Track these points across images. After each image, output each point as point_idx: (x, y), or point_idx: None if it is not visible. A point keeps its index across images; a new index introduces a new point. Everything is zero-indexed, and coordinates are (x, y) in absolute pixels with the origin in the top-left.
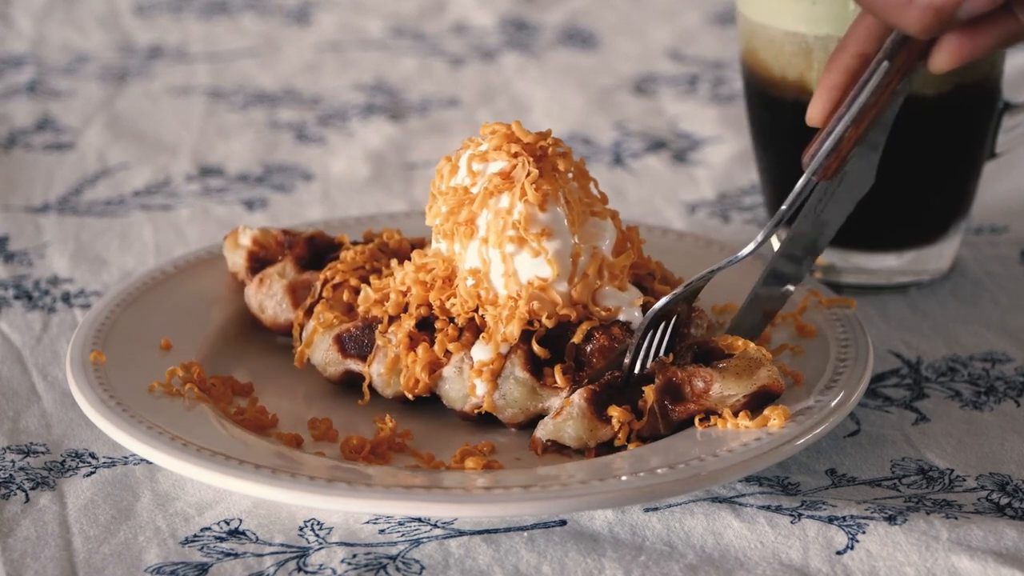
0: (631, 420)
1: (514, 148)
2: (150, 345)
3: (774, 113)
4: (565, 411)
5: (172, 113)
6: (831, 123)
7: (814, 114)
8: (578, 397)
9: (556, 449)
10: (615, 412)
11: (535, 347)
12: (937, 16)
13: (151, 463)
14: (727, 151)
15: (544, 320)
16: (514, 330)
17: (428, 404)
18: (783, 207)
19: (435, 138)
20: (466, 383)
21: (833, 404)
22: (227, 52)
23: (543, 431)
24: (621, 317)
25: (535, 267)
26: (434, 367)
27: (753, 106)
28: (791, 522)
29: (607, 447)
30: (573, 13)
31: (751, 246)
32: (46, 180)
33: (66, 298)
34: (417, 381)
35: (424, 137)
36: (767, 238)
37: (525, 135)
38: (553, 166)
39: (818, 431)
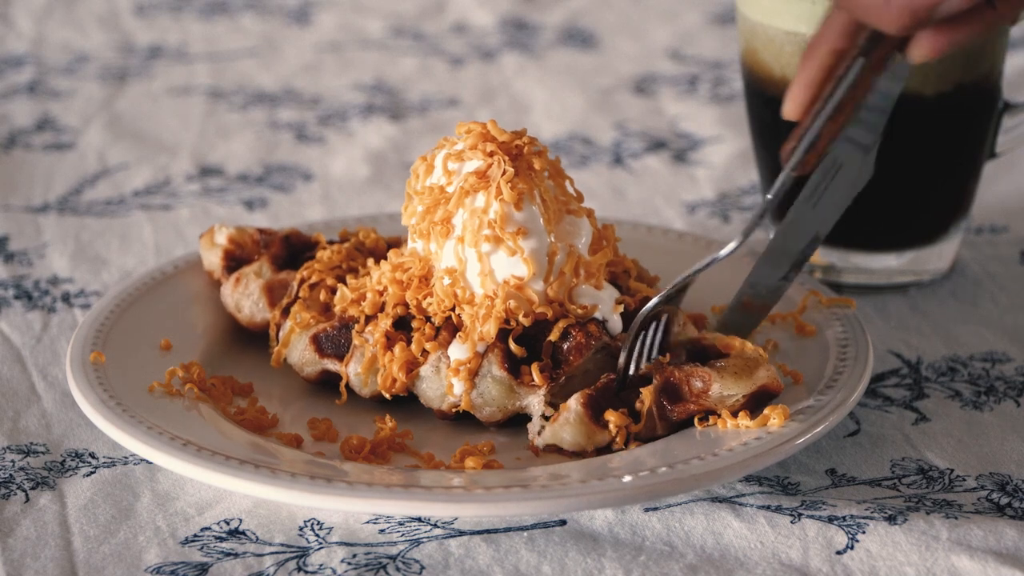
0: (628, 424)
1: (489, 147)
2: (150, 345)
3: (774, 113)
4: (562, 416)
5: (172, 113)
6: (808, 119)
7: (790, 109)
8: (575, 403)
9: (556, 450)
10: (612, 416)
11: (512, 345)
12: (914, 16)
13: (151, 463)
14: (727, 151)
15: (521, 318)
16: (491, 329)
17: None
18: (768, 196)
19: (435, 138)
20: (443, 382)
21: (833, 404)
22: (227, 52)
23: (541, 438)
24: (597, 315)
25: (511, 266)
26: (411, 366)
27: (753, 106)
28: (791, 522)
29: (607, 451)
30: (573, 13)
31: (732, 244)
32: (46, 180)
33: (66, 298)
34: (394, 380)
35: (424, 137)
36: (748, 235)
37: (500, 134)
38: (528, 165)
39: (818, 431)
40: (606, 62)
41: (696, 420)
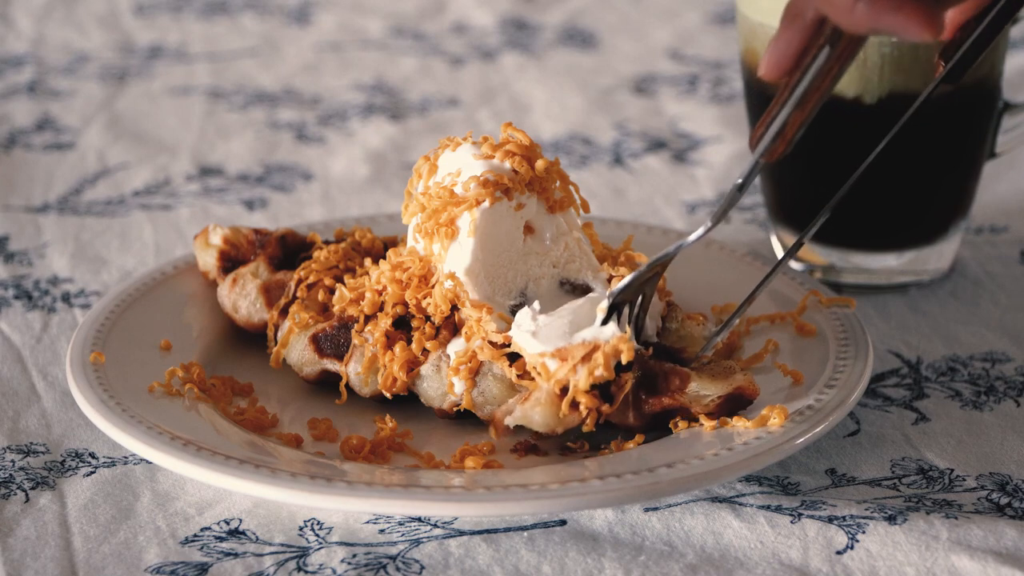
0: (600, 406)
1: (510, 148)
2: (150, 345)
3: None
4: (533, 396)
5: (172, 113)
6: (776, 107)
7: (768, 70)
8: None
9: (526, 439)
10: (583, 398)
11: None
12: (875, 29)
13: (151, 463)
14: (727, 151)
15: None
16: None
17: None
18: (738, 181)
19: (435, 138)
20: (444, 381)
21: (833, 404)
22: (227, 52)
23: (511, 418)
24: None
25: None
26: (412, 365)
27: (753, 106)
28: (791, 522)
29: (576, 431)
30: (573, 13)
31: (701, 229)
32: (46, 180)
33: (66, 298)
34: (395, 380)
35: (424, 137)
36: (718, 222)
37: (522, 136)
38: (540, 173)
39: (818, 430)
40: (606, 62)
41: (672, 424)
